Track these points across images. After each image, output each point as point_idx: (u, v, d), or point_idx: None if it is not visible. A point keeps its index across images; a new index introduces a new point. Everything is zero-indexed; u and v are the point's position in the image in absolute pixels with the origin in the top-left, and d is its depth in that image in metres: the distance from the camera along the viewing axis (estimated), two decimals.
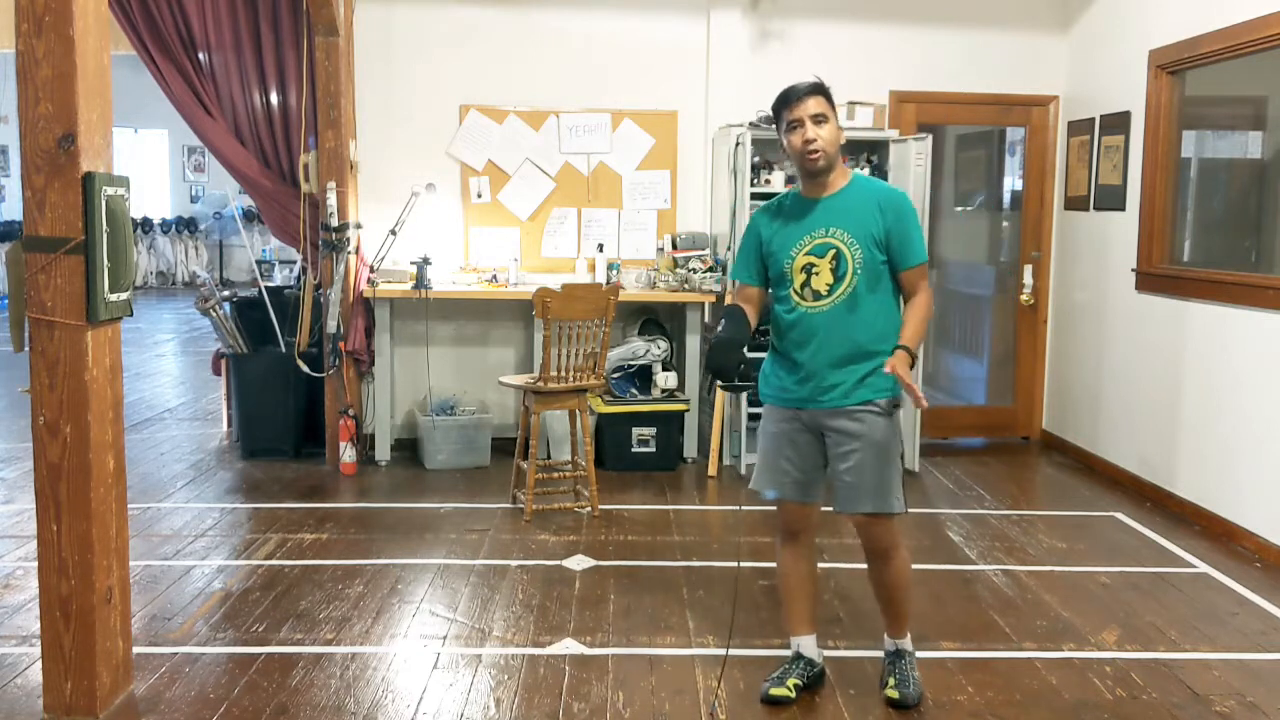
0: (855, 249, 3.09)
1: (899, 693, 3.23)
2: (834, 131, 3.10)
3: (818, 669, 3.38)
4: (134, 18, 5.74)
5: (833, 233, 3.11)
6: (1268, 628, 3.93)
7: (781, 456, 3.24)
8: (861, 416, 3.12)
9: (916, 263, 3.13)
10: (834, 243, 3.10)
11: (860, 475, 3.12)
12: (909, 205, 3.18)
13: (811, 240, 3.13)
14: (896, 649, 3.33)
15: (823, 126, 3.07)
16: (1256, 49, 4.88)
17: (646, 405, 5.96)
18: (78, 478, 2.98)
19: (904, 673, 3.28)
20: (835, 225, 3.11)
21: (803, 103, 3.08)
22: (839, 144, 3.12)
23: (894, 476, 3.15)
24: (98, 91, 2.95)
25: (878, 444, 3.12)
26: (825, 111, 3.09)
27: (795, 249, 3.15)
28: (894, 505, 3.15)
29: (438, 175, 6.20)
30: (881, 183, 3.28)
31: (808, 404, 3.18)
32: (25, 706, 3.14)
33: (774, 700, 3.24)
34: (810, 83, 3.13)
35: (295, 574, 4.27)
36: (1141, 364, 5.71)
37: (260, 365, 6.12)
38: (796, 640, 3.38)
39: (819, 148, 3.07)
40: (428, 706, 3.21)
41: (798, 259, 3.14)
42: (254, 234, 15.12)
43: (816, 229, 3.13)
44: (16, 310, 2.98)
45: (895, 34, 6.46)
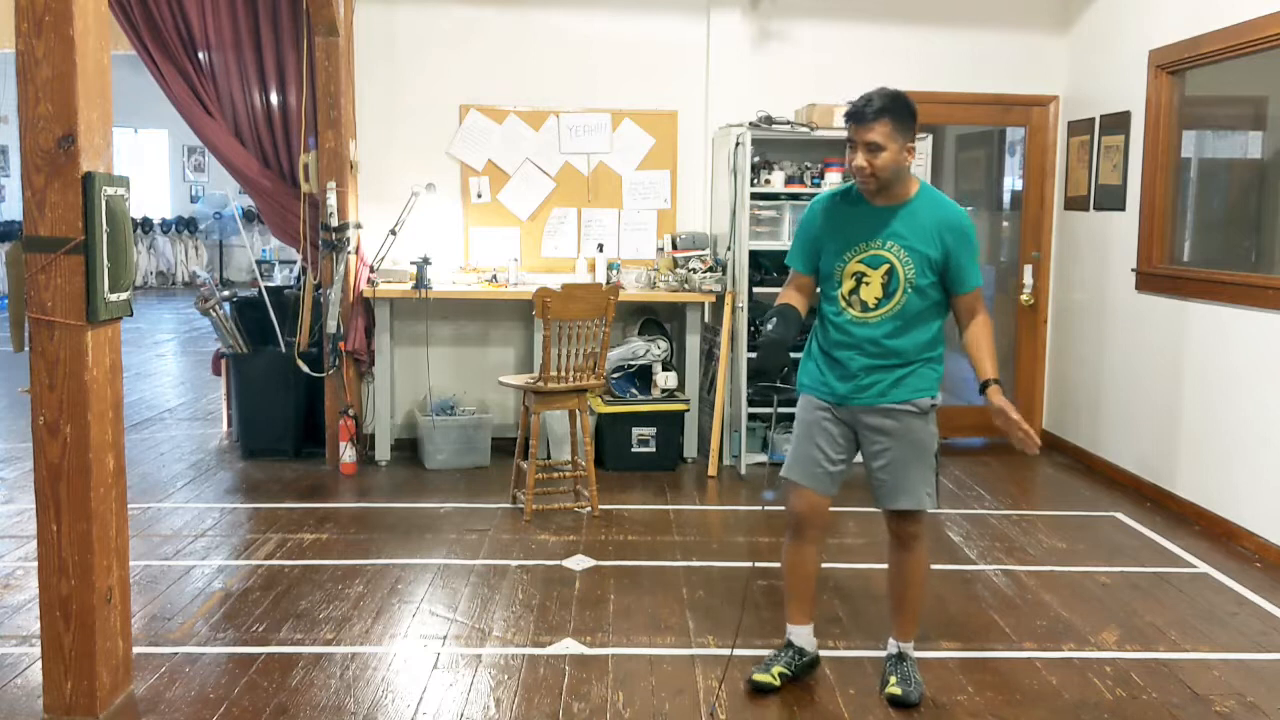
0: (909, 267, 3.06)
1: (901, 689, 3.23)
2: (892, 157, 3.01)
3: (809, 658, 3.40)
4: (134, 18, 5.74)
5: (889, 247, 3.07)
6: (1268, 628, 3.93)
7: (813, 445, 3.23)
8: (898, 415, 3.15)
9: (974, 287, 3.13)
10: (889, 257, 3.07)
11: (894, 473, 3.16)
12: (970, 229, 3.13)
13: (867, 249, 3.09)
14: (900, 651, 3.34)
15: (878, 155, 3.00)
16: (1256, 49, 4.88)
17: (646, 405, 5.96)
18: (78, 478, 2.98)
19: (906, 673, 3.28)
20: (894, 240, 3.07)
21: (865, 128, 3.01)
22: (901, 165, 3.04)
23: (929, 475, 3.19)
24: (98, 91, 2.95)
25: (913, 443, 3.16)
26: (883, 140, 2.99)
27: (849, 254, 3.12)
28: (925, 502, 3.19)
29: (438, 175, 6.20)
30: (947, 201, 3.18)
31: (845, 401, 3.19)
32: (25, 706, 3.14)
33: (756, 686, 3.28)
34: (880, 105, 3.01)
35: (295, 574, 4.27)
36: (1141, 364, 5.71)
37: (260, 365, 6.11)
38: (791, 629, 3.42)
39: (869, 174, 3.03)
40: (428, 706, 3.21)
41: (850, 264, 3.12)
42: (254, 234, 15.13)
43: (874, 239, 3.09)
44: (16, 310, 2.99)
45: (895, 34, 6.46)
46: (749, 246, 5.92)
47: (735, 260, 5.94)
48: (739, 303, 5.92)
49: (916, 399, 3.15)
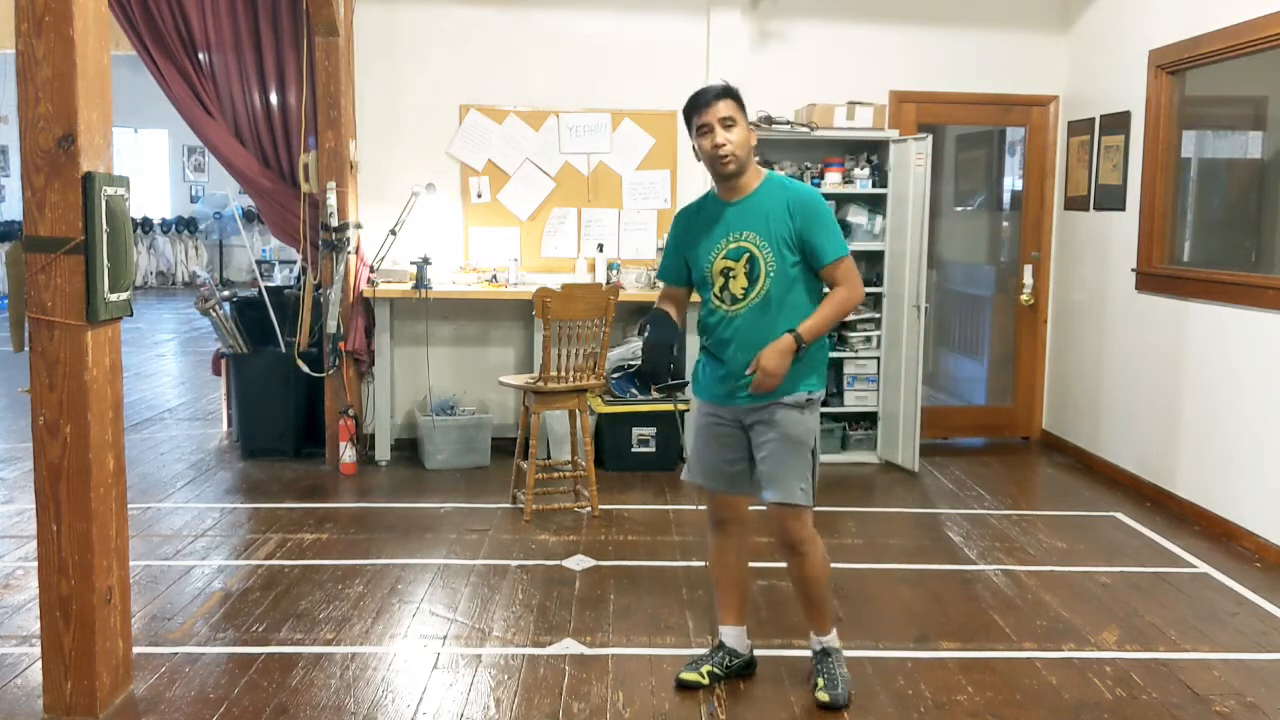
0: (767, 251, 3.13)
1: (829, 694, 3.22)
2: (743, 135, 3.15)
3: (741, 659, 3.43)
4: (134, 18, 5.74)
5: (745, 236, 3.16)
6: (1268, 628, 3.93)
7: (708, 448, 3.33)
8: (776, 410, 3.17)
9: (831, 259, 3.14)
10: (747, 246, 3.15)
11: (770, 465, 3.18)
12: (820, 203, 3.18)
13: (727, 244, 3.19)
14: (823, 647, 3.33)
15: (732, 130, 3.12)
16: (1256, 49, 4.88)
17: (646, 405, 5.96)
18: (78, 478, 2.98)
19: (831, 672, 3.27)
20: (747, 228, 3.16)
21: (712, 107, 3.13)
22: (750, 147, 3.18)
23: (803, 469, 3.18)
24: (98, 91, 2.95)
25: (789, 436, 3.17)
26: (734, 115, 3.13)
27: (713, 253, 3.21)
28: (798, 496, 3.18)
29: (438, 175, 6.20)
30: (794, 182, 3.26)
31: (728, 400, 3.25)
32: (25, 706, 3.14)
33: (681, 684, 3.33)
34: (719, 86, 3.18)
35: (295, 574, 4.27)
36: (1141, 364, 5.71)
37: (260, 365, 6.12)
38: (720, 629, 3.45)
39: (728, 152, 3.12)
40: (428, 706, 3.21)
41: (715, 263, 3.21)
42: (254, 234, 15.13)
43: (731, 232, 3.19)
44: (16, 310, 2.99)
45: (895, 34, 6.46)
46: None
47: None
48: None
49: (794, 394, 3.16)
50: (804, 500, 3.19)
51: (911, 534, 4.97)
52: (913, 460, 5.99)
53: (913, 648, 3.68)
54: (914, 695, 3.33)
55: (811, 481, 3.21)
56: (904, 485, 5.81)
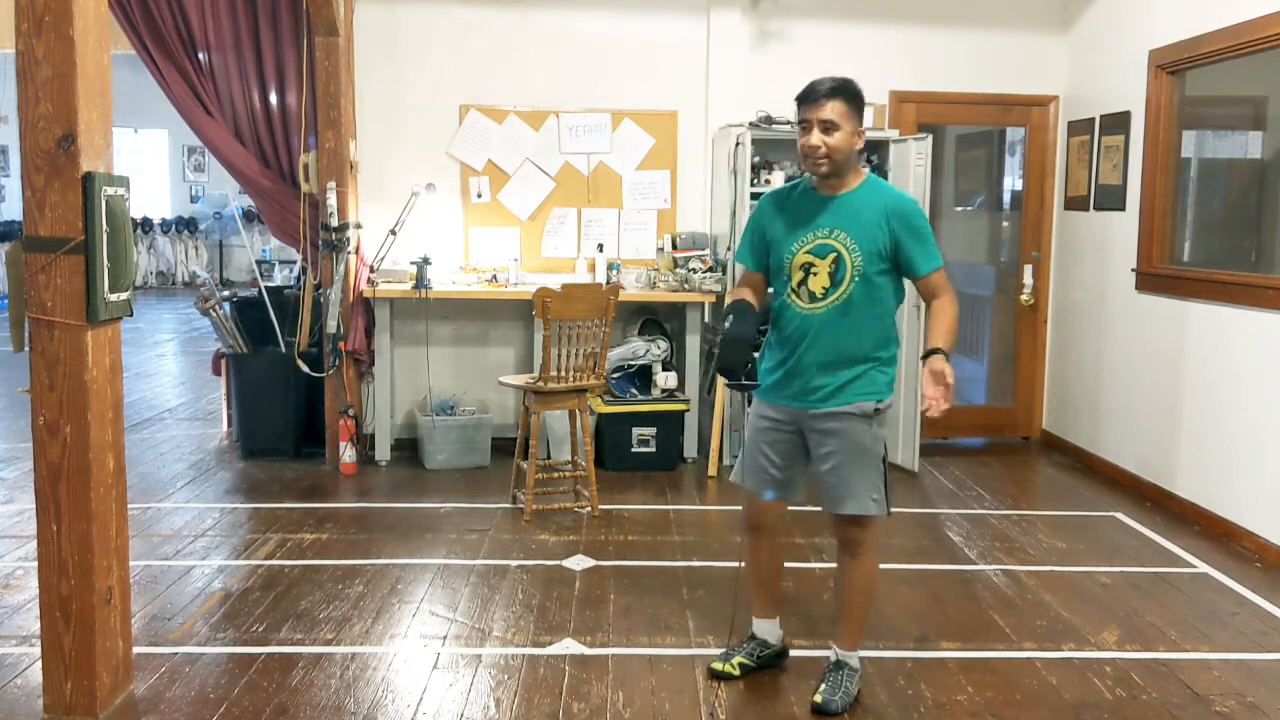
0: (856, 255, 3.05)
1: (823, 697, 3.19)
2: (846, 139, 3.03)
3: (772, 650, 3.45)
4: (134, 18, 5.74)
5: (836, 235, 3.07)
6: (1268, 628, 3.93)
7: (760, 453, 3.27)
8: (843, 419, 3.11)
9: (928, 271, 3.08)
10: (835, 245, 3.07)
11: (840, 476, 3.13)
12: (918, 214, 3.12)
13: (814, 239, 3.09)
14: (839, 660, 3.29)
15: (832, 134, 3.01)
16: (1256, 49, 4.88)
17: (646, 405, 5.96)
18: (78, 478, 2.98)
19: (838, 682, 3.24)
20: (840, 228, 3.07)
21: (818, 106, 3.02)
22: (852, 150, 3.06)
23: (875, 478, 3.13)
24: (98, 91, 2.95)
25: (858, 446, 3.11)
26: (838, 119, 3.00)
27: (797, 245, 3.12)
28: (870, 507, 3.13)
29: (438, 175, 6.20)
30: (893, 190, 3.21)
31: (792, 403, 3.18)
32: (25, 706, 3.14)
33: (714, 674, 3.38)
34: (832, 84, 3.03)
35: (295, 574, 4.27)
36: (1141, 364, 5.71)
37: (260, 365, 6.11)
38: (754, 621, 3.48)
39: (822, 155, 3.03)
40: (428, 706, 3.21)
41: (798, 256, 3.11)
42: (254, 234, 15.13)
43: (821, 228, 3.09)
44: (16, 310, 2.99)
45: (895, 34, 6.46)
46: None
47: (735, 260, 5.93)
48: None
49: (861, 402, 3.10)
50: (877, 510, 3.14)
51: (911, 534, 4.97)
52: (913, 460, 5.99)
53: (913, 648, 3.68)
54: (914, 695, 3.33)
55: (885, 491, 3.14)
56: (904, 485, 5.81)
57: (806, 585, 4.25)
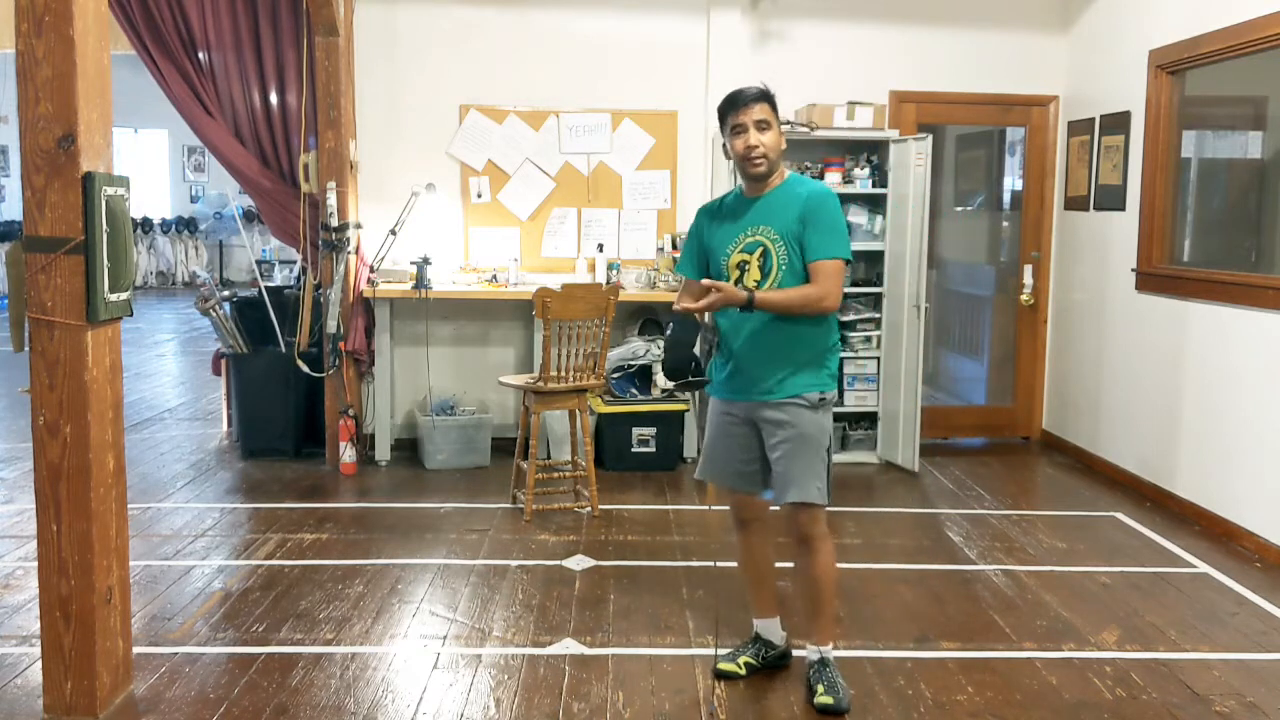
0: (780, 246, 3.16)
1: (831, 697, 3.21)
2: (776, 138, 3.18)
3: (777, 651, 3.48)
4: (134, 18, 5.74)
5: (761, 230, 3.19)
6: (1268, 628, 3.93)
7: (720, 447, 3.37)
8: (788, 409, 3.20)
9: (817, 258, 3.11)
10: (762, 240, 3.19)
11: (786, 465, 3.20)
12: (828, 203, 3.16)
13: (744, 238, 3.22)
14: (821, 657, 3.32)
15: (765, 133, 3.16)
16: (1256, 49, 4.88)
17: (646, 405, 5.96)
18: (78, 478, 2.98)
19: (831, 680, 3.26)
20: (764, 223, 3.20)
21: (748, 109, 3.15)
22: (780, 150, 3.20)
23: (819, 467, 3.20)
24: (98, 91, 2.95)
25: (803, 435, 3.19)
26: (769, 118, 3.16)
27: (730, 246, 3.25)
28: (814, 495, 3.19)
29: (438, 175, 6.20)
30: (812, 182, 3.28)
31: (739, 396, 3.28)
32: (25, 706, 3.14)
33: (721, 674, 3.40)
34: (757, 89, 3.20)
35: (295, 574, 4.27)
36: (1141, 364, 5.71)
37: (260, 365, 6.11)
38: (755, 621, 3.50)
39: (760, 154, 3.16)
40: (428, 706, 3.21)
41: (732, 256, 3.24)
42: (254, 234, 15.13)
43: (748, 227, 3.23)
44: (16, 310, 2.99)
45: (895, 34, 6.46)
46: None
47: None
48: None
49: (805, 393, 3.19)
50: (820, 499, 3.21)
51: (911, 534, 4.97)
52: (913, 460, 5.99)
53: (913, 648, 3.68)
54: (914, 695, 3.33)
55: (827, 480, 3.22)
56: (904, 485, 5.81)
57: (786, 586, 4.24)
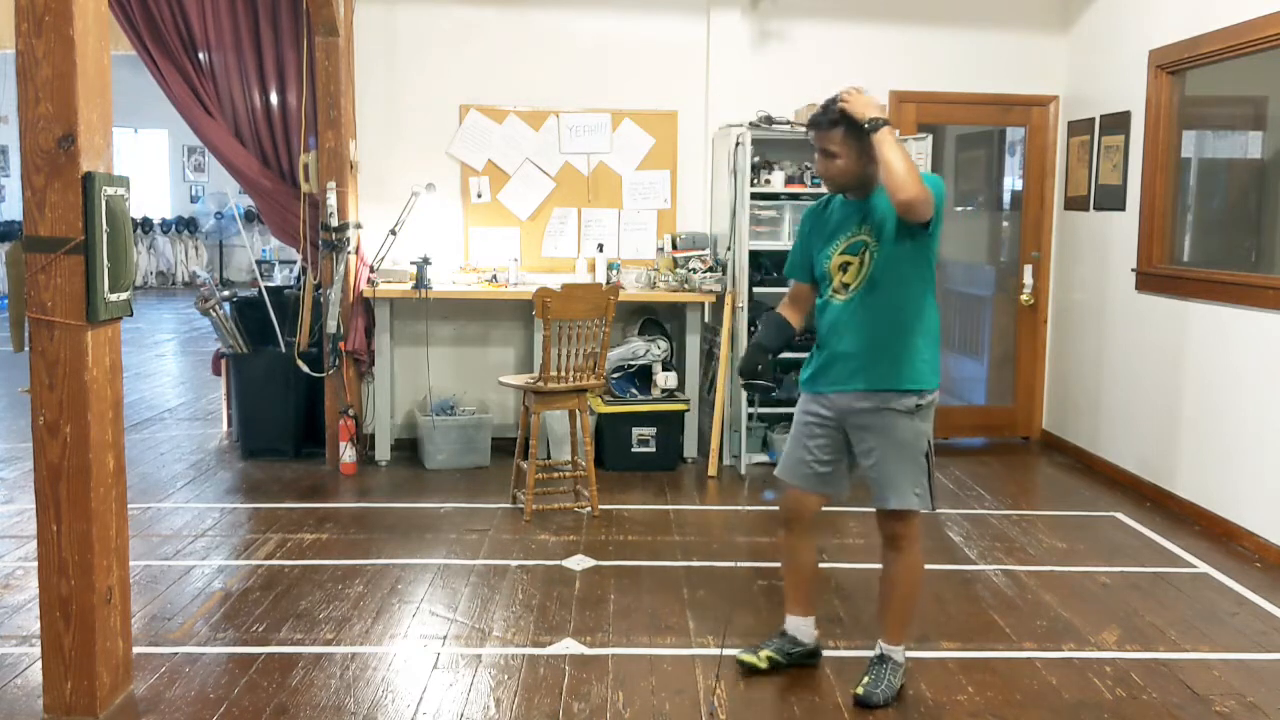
0: (879, 242, 3.16)
1: (865, 689, 3.23)
2: (845, 165, 3.16)
3: (804, 649, 3.46)
4: (134, 18, 5.74)
5: (864, 230, 3.20)
6: (1268, 628, 3.93)
7: (801, 446, 3.35)
8: (882, 415, 3.18)
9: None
10: (864, 239, 3.20)
11: (881, 470, 3.20)
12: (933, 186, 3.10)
13: (848, 240, 3.23)
14: (881, 653, 3.32)
15: (833, 162, 3.18)
16: (1256, 49, 4.88)
17: (646, 405, 5.96)
18: (78, 478, 2.98)
19: (880, 675, 3.27)
20: (866, 223, 3.21)
21: (820, 136, 3.20)
22: (856, 173, 3.17)
23: (917, 473, 3.19)
24: (98, 91, 2.95)
25: (899, 441, 3.18)
26: (835, 148, 3.15)
27: (832, 249, 3.26)
28: (912, 501, 3.19)
29: (438, 175, 6.20)
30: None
31: (831, 388, 3.25)
32: (25, 706, 3.14)
33: (741, 665, 3.41)
34: (830, 117, 3.17)
35: (295, 574, 4.27)
36: (1141, 364, 5.71)
37: (260, 365, 6.11)
38: (787, 618, 3.49)
39: (826, 180, 3.26)
40: (428, 706, 3.21)
41: (834, 258, 3.25)
42: (254, 234, 15.13)
43: (851, 228, 3.23)
44: (16, 310, 2.98)
45: (895, 34, 6.46)
46: (749, 246, 5.92)
47: (735, 260, 5.94)
48: (739, 303, 5.91)
49: (901, 390, 3.16)
50: (919, 505, 3.20)
51: None
52: None
53: (913, 648, 3.67)
54: (914, 695, 3.33)
55: (928, 485, 3.20)
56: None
57: None
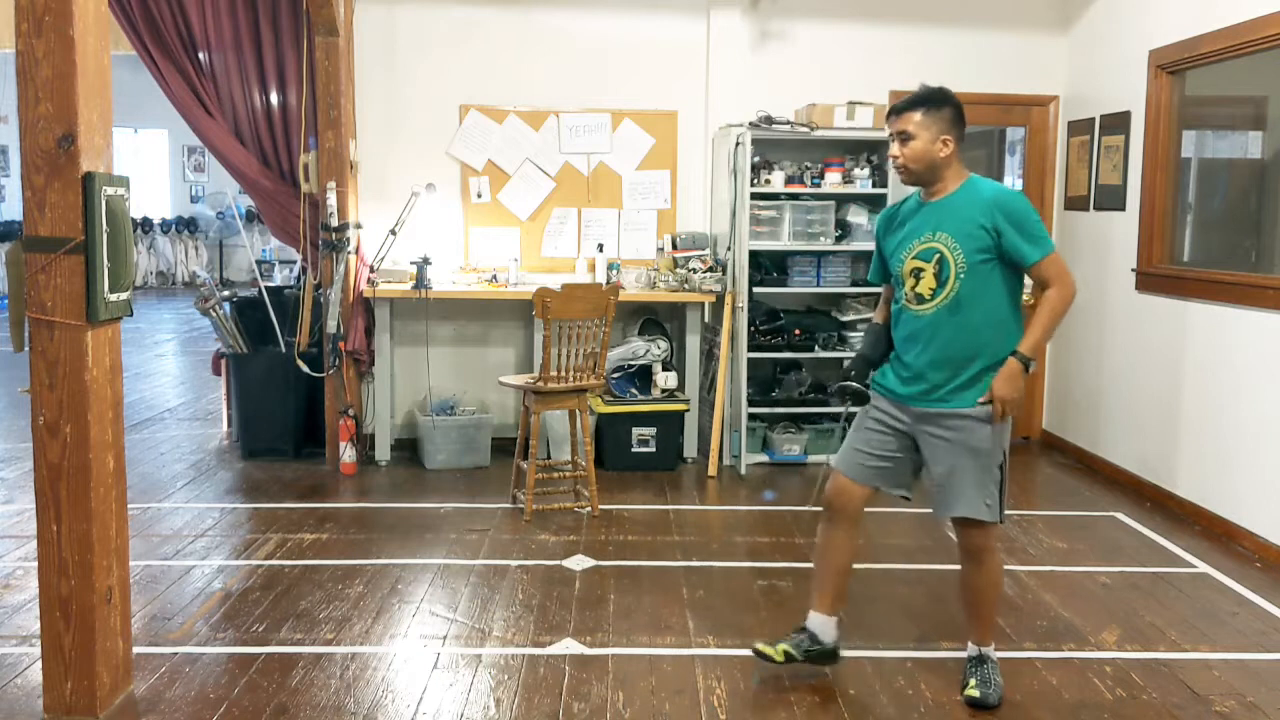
0: (958, 253, 3.10)
1: (979, 691, 3.24)
2: (923, 148, 3.14)
3: (823, 648, 3.42)
4: (134, 18, 5.74)
5: (938, 237, 3.14)
6: (1268, 628, 3.93)
7: (862, 439, 3.33)
8: (957, 425, 3.15)
9: (1035, 259, 3.07)
10: (938, 247, 3.14)
11: (951, 479, 3.18)
12: (1019, 204, 3.13)
13: (920, 244, 3.18)
14: (980, 654, 3.35)
15: (908, 144, 3.15)
16: (1256, 49, 4.88)
17: (646, 405, 5.96)
18: (78, 478, 2.98)
19: (986, 675, 3.29)
20: (940, 229, 3.14)
21: (897, 118, 3.18)
22: (935, 156, 3.14)
23: (988, 482, 3.17)
24: (98, 91, 2.95)
25: (972, 450, 3.15)
26: (912, 129, 3.13)
27: (905, 252, 3.22)
28: (983, 512, 3.18)
29: (438, 175, 6.20)
30: (994, 185, 3.20)
31: (909, 401, 3.23)
32: (25, 706, 3.14)
33: (757, 653, 3.40)
34: (911, 97, 3.17)
35: (295, 574, 4.27)
36: (1141, 364, 5.71)
37: (260, 365, 6.12)
38: (811, 615, 3.44)
39: (899, 165, 3.20)
40: (428, 706, 3.21)
41: (907, 263, 3.21)
42: (254, 234, 15.13)
43: (924, 233, 3.18)
44: (16, 310, 2.98)
45: (895, 34, 6.46)
46: (749, 246, 5.92)
47: (735, 260, 5.94)
48: (739, 303, 5.91)
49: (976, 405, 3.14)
50: (988, 516, 3.19)
51: (912, 534, 4.97)
52: None
53: (913, 648, 3.69)
54: (914, 695, 3.33)
55: (999, 496, 3.18)
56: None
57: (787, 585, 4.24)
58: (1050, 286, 3.10)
